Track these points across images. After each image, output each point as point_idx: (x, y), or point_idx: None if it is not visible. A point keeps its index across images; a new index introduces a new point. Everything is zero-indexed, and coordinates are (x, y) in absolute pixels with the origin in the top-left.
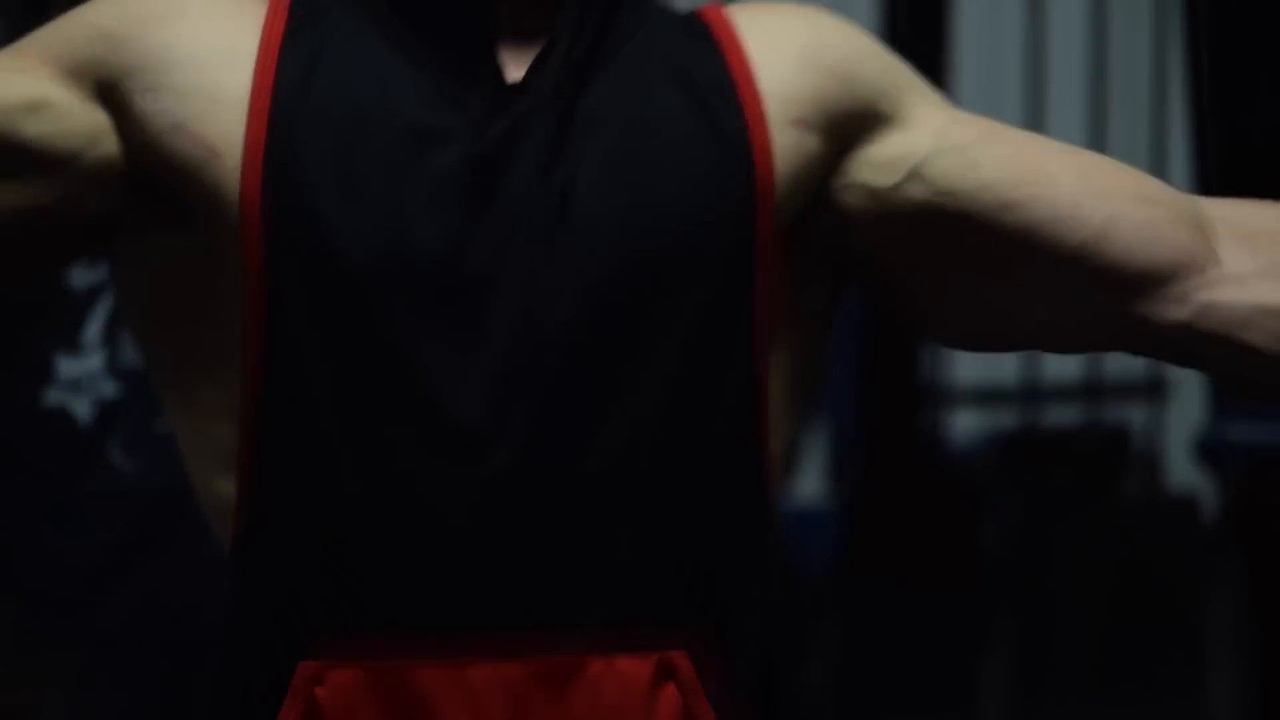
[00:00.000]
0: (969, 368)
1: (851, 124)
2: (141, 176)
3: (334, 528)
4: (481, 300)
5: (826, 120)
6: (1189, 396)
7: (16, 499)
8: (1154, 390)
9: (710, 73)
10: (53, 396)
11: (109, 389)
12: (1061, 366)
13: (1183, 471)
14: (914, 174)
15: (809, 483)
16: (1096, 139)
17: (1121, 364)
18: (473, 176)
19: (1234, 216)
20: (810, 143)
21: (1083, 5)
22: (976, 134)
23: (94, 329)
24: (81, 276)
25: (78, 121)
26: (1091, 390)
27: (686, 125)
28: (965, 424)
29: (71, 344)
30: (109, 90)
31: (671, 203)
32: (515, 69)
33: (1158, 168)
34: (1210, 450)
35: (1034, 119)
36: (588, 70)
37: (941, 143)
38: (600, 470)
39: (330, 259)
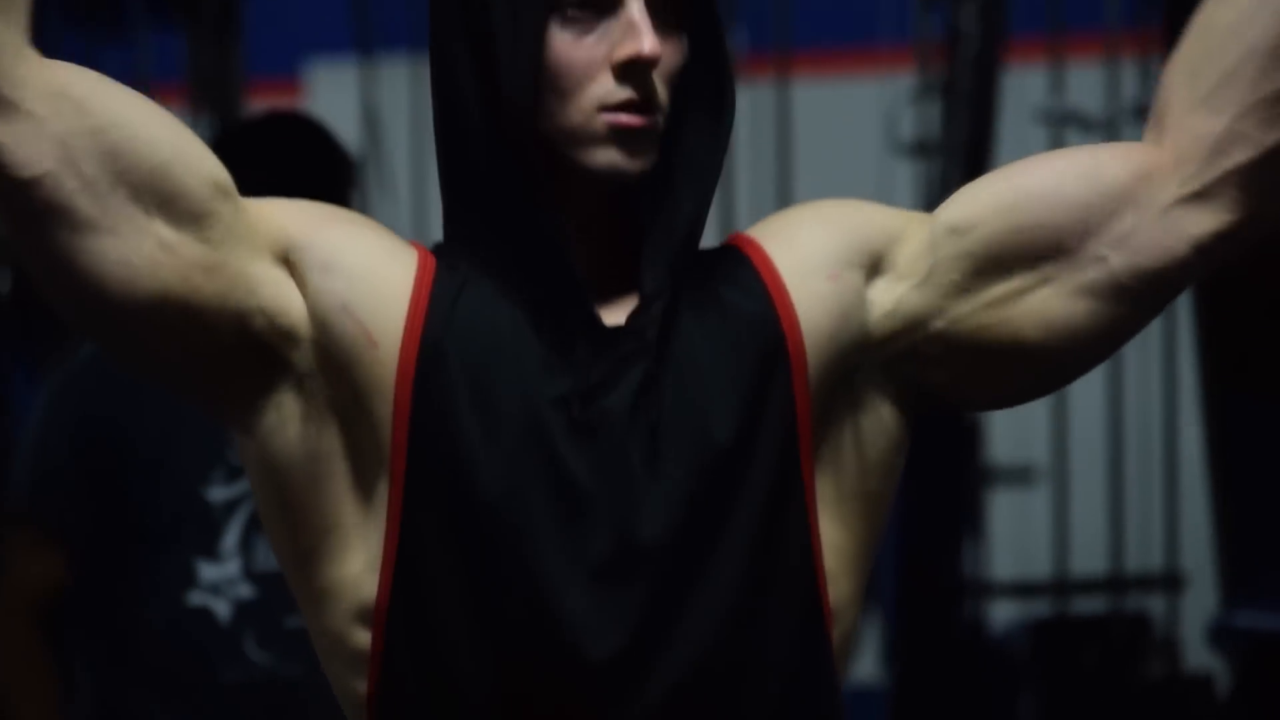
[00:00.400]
0: (1006, 565)
1: (874, 249)
2: (304, 346)
3: (459, 715)
4: (588, 517)
5: (852, 259)
6: (1203, 587)
7: (163, 688)
8: (1171, 582)
9: (750, 289)
10: (196, 597)
11: (245, 591)
12: (1088, 562)
13: (1198, 655)
14: (942, 237)
15: (865, 664)
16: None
17: (1142, 559)
18: (583, 408)
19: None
20: (847, 284)
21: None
22: (966, 187)
23: (231, 539)
24: (219, 492)
25: (256, 235)
26: (1115, 582)
27: (735, 339)
28: (1003, 613)
29: (211, 552)
30: (290, 256)
31: (729, 413)
32: (606, 313)
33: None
34: (1222, 635)
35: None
36: (674, 316)
37: (944, 207)
38: (689, 664)
39: (464, 471)
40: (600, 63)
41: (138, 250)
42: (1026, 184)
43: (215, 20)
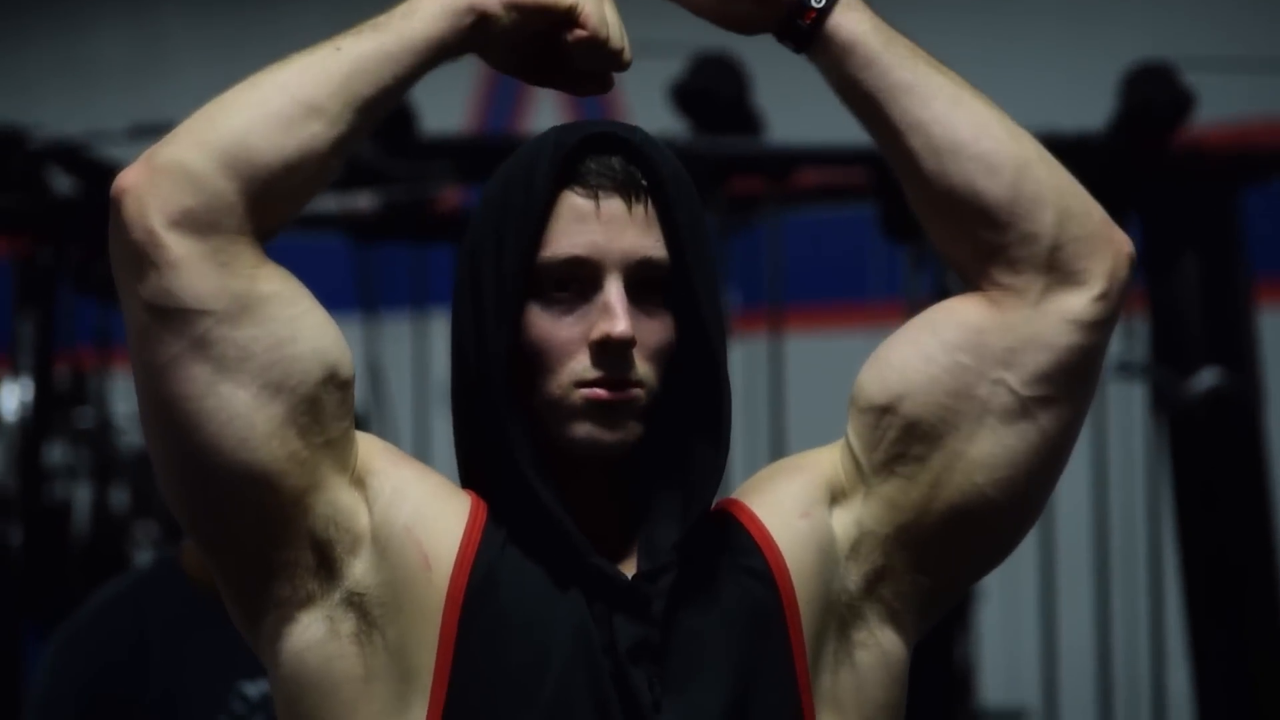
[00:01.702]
0: None
1: (826, 479)
2: (364, 561)
3: None
4: None
5: (814, 495)
6: None
7: None
8: None
9: (744, 547)
10: None
11: None
12: None
13: None
14: (871, 422)
15: None
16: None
17: None
18: (613, 662)
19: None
20: (818, 519)
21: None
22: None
23: None
24: (255, 687)
25: (346, 447)
26: None
27: (733, 603)
28: None
29: None
30: (366, 478)
31: (730, 674)
32: (626, 562)
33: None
34: None
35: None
36: (679, 586)
37: (854, 399)
38: None
39: (510, 698)
40: (579, 341)
41: (259, 417)
42: (910, 351)
43: None
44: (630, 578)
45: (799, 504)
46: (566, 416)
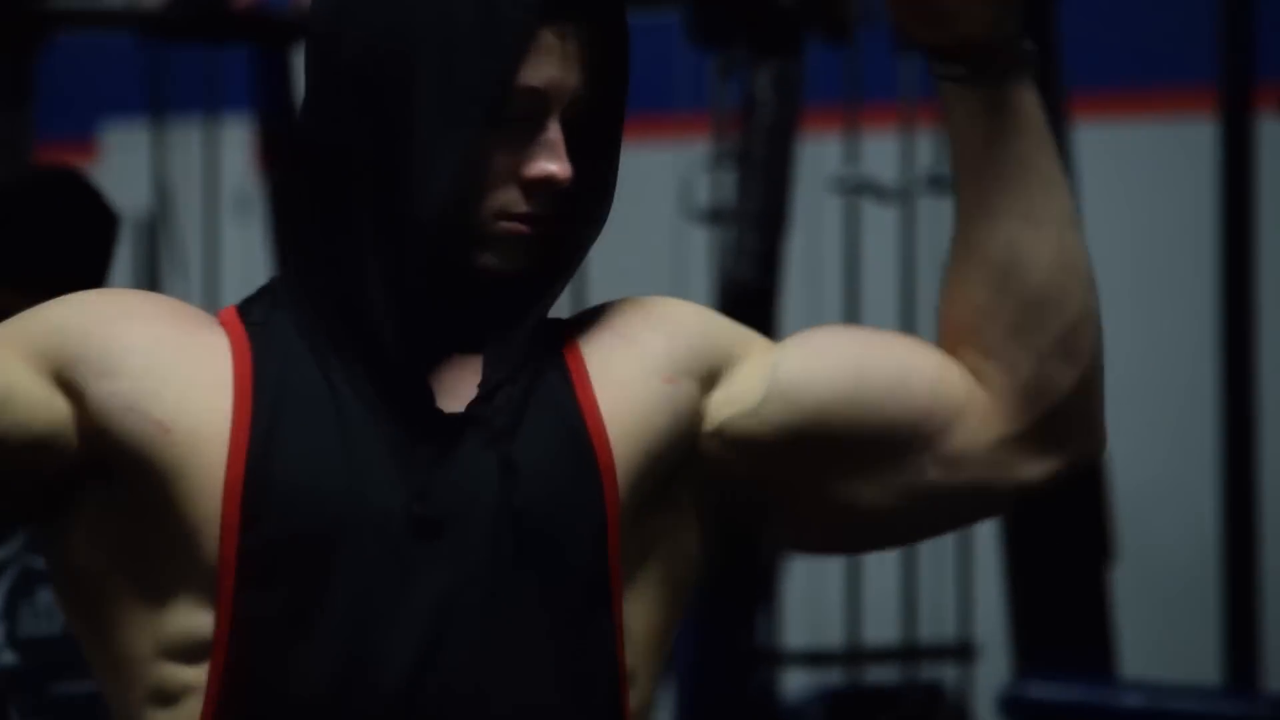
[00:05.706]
0: (799, 633)
1: (714, 363)
2: (97, 457)
3: None
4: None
5: (691, 367)
6: (995, 659)
7: None
8: (964, 653)
9: (565, 398)
10: None
11: (8, 658)
12: (881, 631)
13: None
14: (780, 388)
15: None
16: None
17: (935, 629)
18: (423, 503)
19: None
20: (683, 391)
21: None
22: (813, 336)
23: None
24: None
25: (39, 411)
26: (909, 652)
27: (552, 444)
28: (795, 683)
29: None
30: (66, 376)
31: (546, 503)
32: (443, 393)
33: None
34: (1012, 706)
35: None
36: (517, 402)
37: (786, 354)
38: (483, 697)
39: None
40: (509, 172)
41: None
42: (872, 372)
43: (7, 82)
44: (465, 408)
45: (666, 365)
46: (478, 244)
